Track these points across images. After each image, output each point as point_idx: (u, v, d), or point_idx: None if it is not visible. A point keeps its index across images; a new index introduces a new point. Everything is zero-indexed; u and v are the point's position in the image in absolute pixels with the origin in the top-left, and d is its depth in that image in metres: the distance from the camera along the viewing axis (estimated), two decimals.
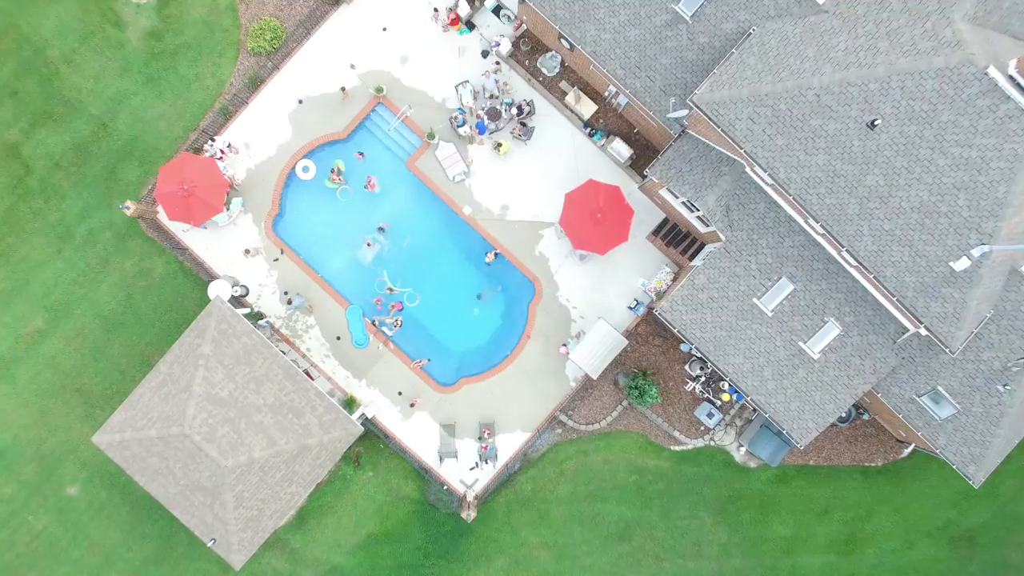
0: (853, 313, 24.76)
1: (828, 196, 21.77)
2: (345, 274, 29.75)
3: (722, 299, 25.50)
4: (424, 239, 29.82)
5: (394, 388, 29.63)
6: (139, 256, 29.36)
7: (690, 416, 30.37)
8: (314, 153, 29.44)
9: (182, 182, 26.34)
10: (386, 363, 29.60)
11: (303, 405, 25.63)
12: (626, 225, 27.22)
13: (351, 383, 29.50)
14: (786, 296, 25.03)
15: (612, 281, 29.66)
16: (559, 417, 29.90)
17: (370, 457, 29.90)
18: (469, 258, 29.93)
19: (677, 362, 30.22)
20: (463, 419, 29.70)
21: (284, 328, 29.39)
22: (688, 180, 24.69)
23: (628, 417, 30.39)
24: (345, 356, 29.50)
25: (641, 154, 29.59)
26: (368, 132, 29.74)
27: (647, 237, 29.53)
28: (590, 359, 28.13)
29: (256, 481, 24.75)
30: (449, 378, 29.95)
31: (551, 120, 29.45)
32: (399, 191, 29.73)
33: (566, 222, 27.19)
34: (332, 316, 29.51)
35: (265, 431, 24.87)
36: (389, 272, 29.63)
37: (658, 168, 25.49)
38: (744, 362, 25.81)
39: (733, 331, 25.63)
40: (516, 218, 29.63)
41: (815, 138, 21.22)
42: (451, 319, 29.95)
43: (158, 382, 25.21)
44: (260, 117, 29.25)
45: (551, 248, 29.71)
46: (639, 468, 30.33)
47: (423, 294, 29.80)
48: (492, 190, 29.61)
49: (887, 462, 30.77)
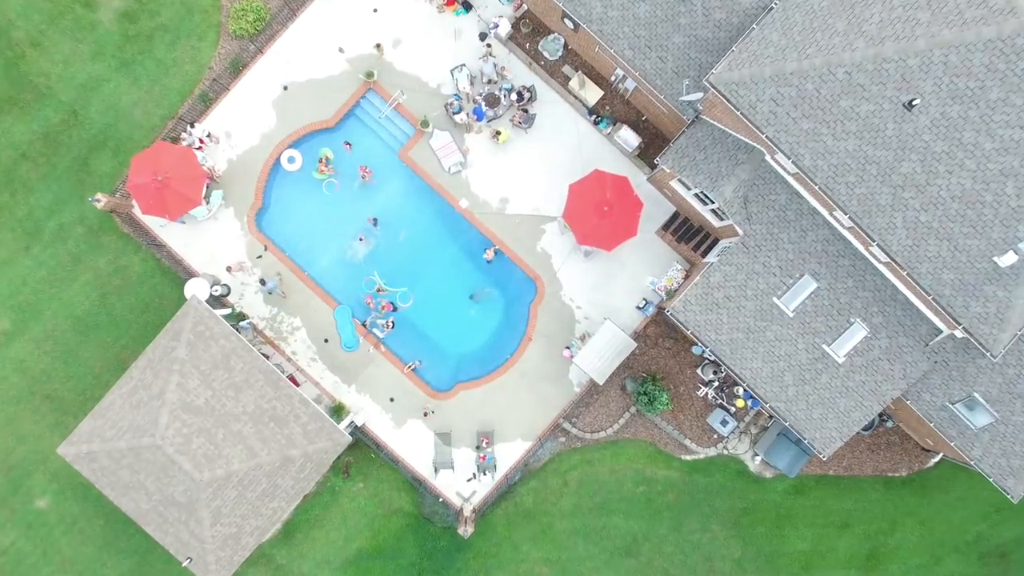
0: (882, 313, 22.85)
1: (858, 185, 19.85)
2: (334, 272, 27.85)
3: (739, 298, 23.59)
4: (418, 235, 27.90)
5: (386, 394, 27.73)
6: (113, 253, 27.48)
7: (702, 423, 28.51)
8: (300, 142, 27.54)
9: (156, 172, 24.42)
10: (377, 367, 27.71)
11: (286, 413, 23.74)
12: (635, 219, 25.29)
13: (340, 389, 27.60)
14: (809, 295, 23.14)
15: (619, 279, 27.74)
16: (562, 425, 28.01)
17: (360, 467, 28.06)
18: (466, 255, 28.02)
19: (688, 366, 28.34)
20: (459, 427, 27.79)
21: (268, 330, 27.49)
22: (703, 170, 22.78)
23: (636, 424, 28.54)
24: (333, 359, 27.60)
25: (650, 143, 27.72)
26: (358, 120, 27.85)
27: (656, 232, 27.64)
28: (596, 363, 26.21)
29: (235, 496, 22.85)
30: (444, 383, 28.04)
31: (553, 107, 27.53)
32: (391, 183, 27.82)
33: (570, 215, 25.26)
34: (320, 317, 27.61)
35: (244, 442, 22.98)
36: (381, 270, 27.73)
37: (670, 157, 23.58)
38: (763, 366, 23.90)
39: (751, 333, 23.72)
40: (516, 212, 27.71)
41: (845, 121, 19.30)
42: (447, 320, 28.03)
43: (129, 389, 23.33)
44: (242, 104, 27.34)
45: (554, 244, 27.78)
46: (647, 478, 28.55)
47: (417, 293, 27.90)
48: (490, 182, 27.68)
49: (912, 472, 28.91)
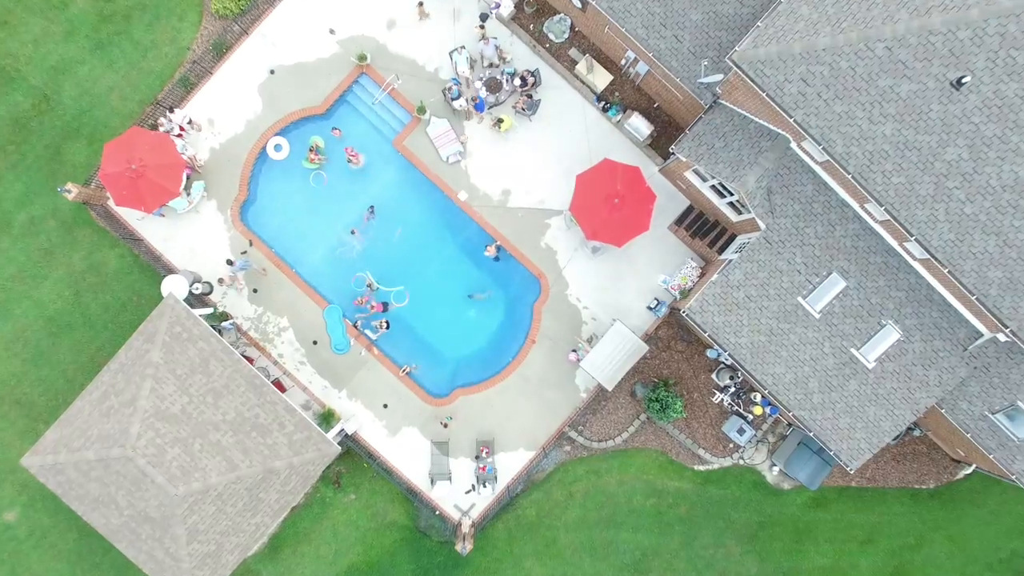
0: (916, 315, 21.02)
1: (896, 174, 18.02)
2: (324, 269, 26.02)
3: (761, 298, 21.77)
4: (414, 229, 26.06)
5: (379, 399, 25.90)
6: (88, 248, 25.66)
7: (717, 432, 26.67)
8: (288, 130, 25.71)
9: (130, 160, 22.58)
10: (370, 371, 25.87)
11: (270, 422, 21.91)
12: (647, 212, 23.46)
13: (329, 394, 25.76)
14: (837, 295, 21.31)
15: (629, 277, 25.91)
16: (568, 433, 26.18)
17: (352, 477, 26.22)
18: (465, 251, 26.19)
19: (703, 370, 26.50)
20: (458, 435, 25.95)
21: (253, 330, 25.66)
22: (722, 158, 20.95)
23: (646, 433, 26.71)
24: (323, 363, 25.77)
25: (662, 132, 25.89)
26: (350, 106, 26.01)
27: (669, 227, 25.82)
28: (604, 367, 24.38)
29: (213, 511, 21.02)
30: (442, 388, 26.21)
31: (559, 93, 25.69)
32: (385, 174, 25.99)
33: (577, 208, 23.43)
34: (309, 317, 25.77)
35: (224, 453, 21.15)
36: (375, 268, 25.89)
37: (686, 145, 21.76)
38: (786, 372, 22.08)
39: (773, 336, 21.90)
40: (519, 205, 25.89)
41: (883, 102, 17.46)
42: (444, 321, 26.18)
43: (99, 395, 21.50)
44: (226, 89, 25.50)
45: (559, 239, 25.95)
46: (658, 490, 26.71)
47: (413, 292, 26.07)
48: (492, 173, 25.85)
49: (940, 484, 27.07)
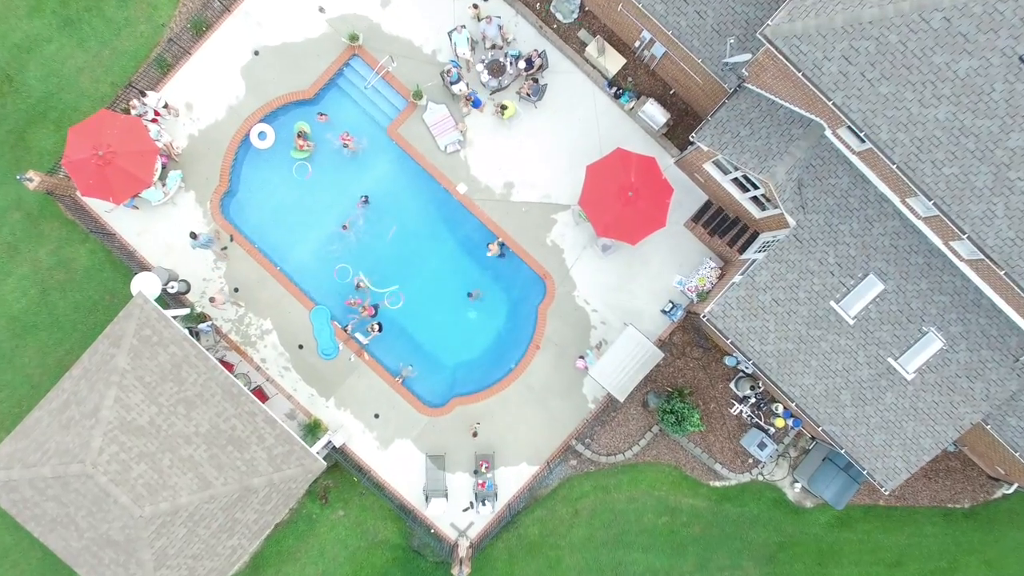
0: (962, 321, 19.05)
1: (948, 164, 16.05)
2: (312, 267, 24.02)
3: (790, 302, 19.78)
4: (409, 225, 24.06)
5: (369, 409, 23.90)
6: (56, 243, 23.66)
7: (735, 445, 24.69)
8: (273, 117, 23.72)
9: (96, 146, 20.58)
10: (360, 378, 23.88)
11: (247, 434, 19.91)
12: (663, 207, 21.49)
13: (316, 403, 23.76)
14: (873, 298, 19.34)
15: (642, 278, 23.92)
16: (574, 446, 24.18)
17: (341, 492, 24.24)
18: (465, 249, 24.19)
19: (720, 379, 24.52)
20: (455, 448, 23.95)
21: (233, 333, 23.66)
22: (749, 148, 18.97)
23: (659, 446, 24.73)
24: (309, 369, 23.77)
25: (679, 121, 23.91)
26: (340, 91, 24.01)
27: (685, 224, 23.83)
28: (615, 376, 22.40)
29: (184, 534, 19.02)
30: (438, 397, 24.20)
31: (567, 77, 23.70)
32: (378, 165, 23.99)
33: (587, 202, 21.44)
34: (294, 319, 23.77)
35: (196, 469, 19.14)
36: (366, 267, 23.90)
37: (708, 133, 19.78)
38: (815, 383, 20.10)
39: (803, 343, 19.92)
40: (523, 199, 23.90)
41: (938, 82, 15.49)
42: (442, 324, 24.17)
43: (59, 404, 19.49)
44: (206, 71, 23.50)
45: (566, 236, 23.96)
46: (671, 508, 24.75)
47: (407, 293, 24.07)
48: (494, 163, 23.87)
49: (976, 504, 25.10)
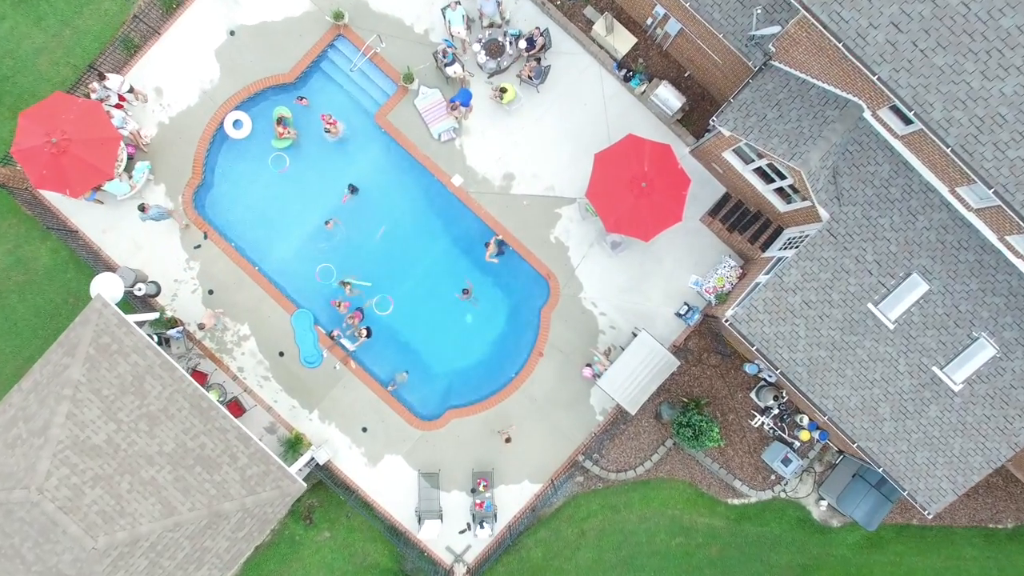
0: (1018, 326, 17.00)
1: (1015, 146, 14.00)
2: (293, 267, 21.99)
3: (822, 304, 17.73)
4: (400, 221, 22.00)
5: (357, 422, 21.84)
6: (14, 241, 21.67)
7: (756, 460, 22.65)
8: (250, 103, 21.68)
9: (50, 132, 18.53)
10: (346, 388, 21.82)
11: (218, 453, 17.85)
12: (680, 199, 19.43)
13: (298, 415, 21.71)
14: (917, 300, 17.30)
15: (655, 278, 21.86)
16: (581, 462, 22.13)
17: (326, 512, 22.23)
18: (460, 247, 22.13)
19: (740, 388, 22.48)
20: (451, 465, 21.89)
21: (207, 340, 21.61)
22: (777, 132, 16.91)
23: (672, 461, 22.69)
24: (291, 378, 21.71)
25: (694, 106, 21.86)
26: (324, 75, 21.98)
27: (701, 219, 21.79)
28: (626, 387, 20.32)
29: (145, 566, 16.95)
30: (432, 409, 22.15)
31: (572, 59, 21.65)
32: (365, 154, 21.94)
33: (596, 194, 19.38)
34: (274, 324, 21.73)
35: (159, 493, 17.08)
36: (352, 267, 21.87)
37: (731, 116, 17.72)
38: (851, 395, 18.04)
39: (837, 350, 17.87)
40: (524, 191, 21.84)
41: (1006, 49, 13.44)
42: (435, 330, 22.10)
43: (6, 420, 17.43)
44: (176, 53, 21.44)
45: (572, 233, 21.90)
46: (686, 528, 22.74)
47: (398, 296, 22.02)
48: (492, 153, 21.81)
49: (1020, 524, 23.05)
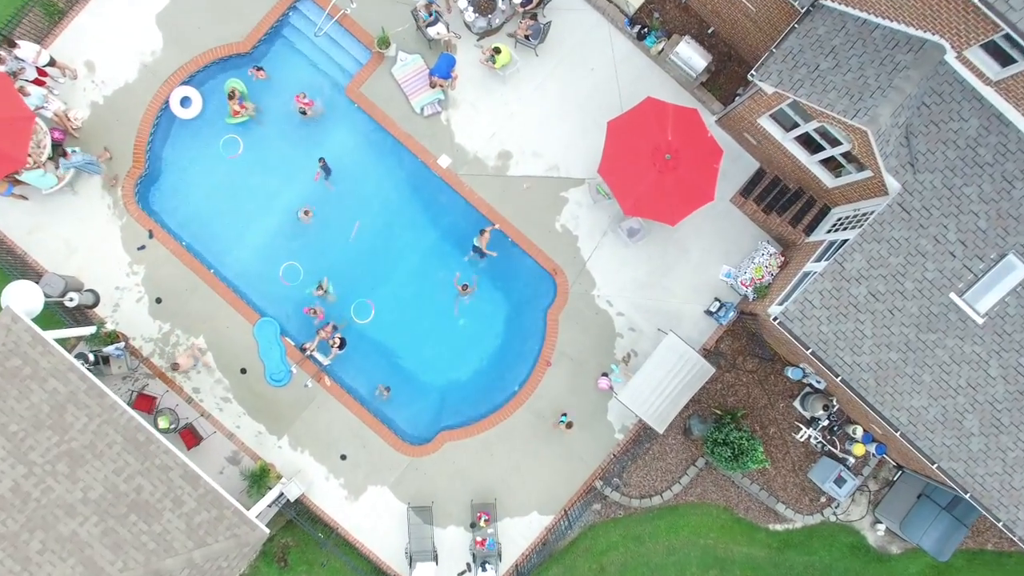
0: None
1: None
2: (256, 269, 18.77)
3: (893, 296, 14.46)
4: (378, 212, 18.77)
5: (334, 449, 18.59)
6: None
7: (801, 480, 19.42)
8: (201, 77, 18.46)
9: None
10: (321, 409, 18.57)
11: (159, 497, 14.60)
12: (711, 173, 16.17)
13: (265, 443, 18.46)
14: (1014, 288, 14.04)
15: (679, 270, 18.61)
16: (599, 488, 18.89)
17: (303, 553, 19.02)
18: (449, 239, 18.88)
19: (781, 396, 19.24)
20: (445, 497, 18.62)
21: (157, 357, 18.36)
22: (834, 85, 13.66)
23: (704, 483, 19.46)
24: (255, 399, 18.46)
25: (720, 68, 18.64)
26: (285, 42, 18.75)
27: (731, 200, 18.56)
28: (651, 400, 17.06)
29: None
30: (422, 431, 18.90)
31: (576, 16, 18.38)
32: (335, 133, 18.69)
33: (610, 171, 16.11)
34: (234, 336, 18.49)
35: (82, 551, 13.84)
36: (324, 268, 18.66)
37: (774, 68, 14.47)
38: (929, 405, 14.78)
39: (911, 351, 14.60)
40: (524, 172, 18.61)
41: None
42: (423, 337, 18.86)
43: None
44: (109, 19, 18.20)
45: (581, 219, 18.64)
46: (720, 559, 19.53)
47: (379, 301, 18.79)
48: (485, 128, 18.57)
49: None
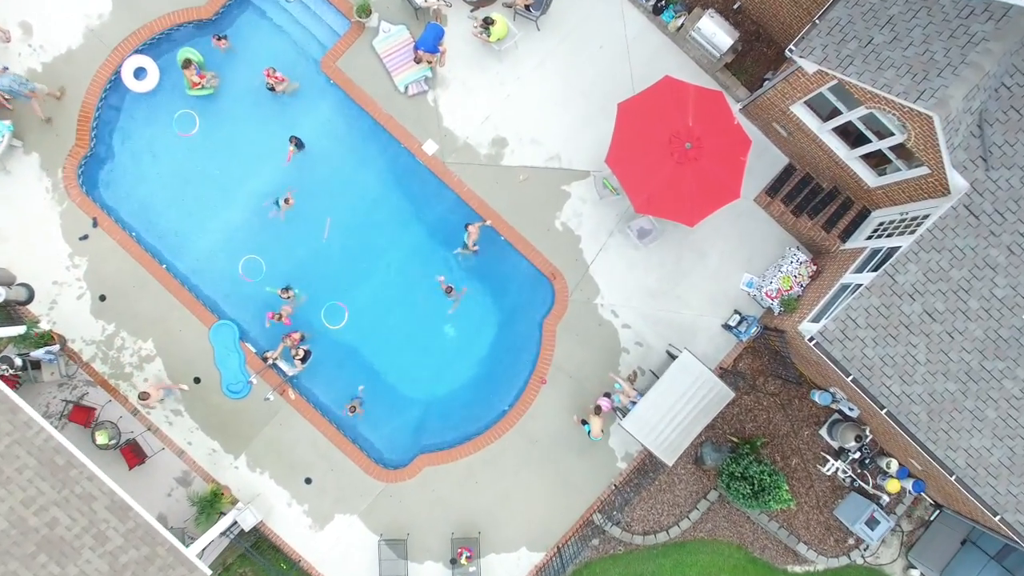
0: None
1: None
2: (214, 265, 16.53)
3: (953, 315, 12.20)
4: (354, 205, 16.52)
5: (298, 471, 16.36)
6: None
7: (826, 518, 17.18)
8: (157, 45, 16.20)
9: None
10: (284, 426, 16.32)
11: (77, 532, 12.38)
12: (737, 166, 13.87)
13: (219, 462, 16.22)
14: None
15: (695, 278, 16.35)
16: (597, 522, 16.65)
17: None
18: (435, 236, 16.62)
19: (806, 422, 17.00)
20: (423, 529, 16.38)
21: (99, 362, 16.11)
22: (893, 61, 11.39)
23: (716, 518, 17.23)
24: (210, 413, 16.21)
25: (747, 49, 16.38)
26: (252, 8, 16.48)
27: (756, 199, 16.31)
28: (660, 428, 14.78)
29: None
30: (399, 453, 16.65)
31: None
32: (308, 113, 16.43)
33: (620, 160, 13.81)
34: (188, 340, 16.25)
35: None
36: (290, 269, 16.43)
37: (818, 42, 12.21)
38: (993, 446, 12.53)
39: (973, 382, 12.35)
40: (521, 162, 16.34)
41: None
42: (403, 347, 16.60)
43: None
44: None
45: (585, 216, 16.38)
46: None
47: (353, 305, 16.55)
48: (478, 111, 16.29)
49: None
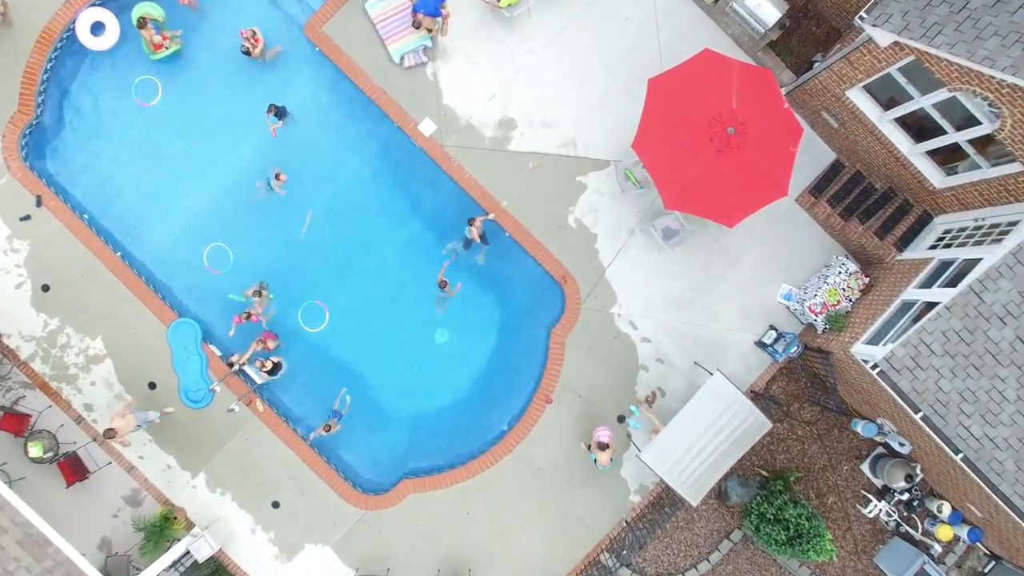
0: None
1: None
2: (177, 253, 14.57)
3: None
4: (339, 191, 14.54)
5: (265, 493, 14.32)
6: None
7: (865, 565, 15.15)
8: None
9: None
10: (250, 441, 14.30)
11: None
12: (786, 158, 11.79)
13: (175, 481, 14.18)
14: None
15: (726, 286, 14.30)
16: (605, 562, 14.61)
17: None
18: (431, 229, 14.63)
19: (845, 456, 14.95)
20: (406, 563, 14.36)
21: (39, 361, 14.09)
22: (994, 28, 9.35)
23: (739, 560, 15.21)
24: (166, 424, 14.17)
25: (793, 27, 14.37)
26: None
27: (798, 199, 14.27)
28: (684, 462, 12.67)
29: None
30: (381, 476, 14.63)
31: None
32: (290, 84, 14.46)
33: (650, 146, 11.74)
34: (142, 340, 14.25)
35: None
36: (267, 263, 14.45)
37: (896, 6, 10.16)
38: None
39: None
40: (530, 148, 14.31)
41: None
42: (389, 356, 14.62)
43: None
44: None
45: (603, 212, 14.33)
46: None
47: (334, 305, 14.55)
48: (483, 87, 14.28)
49: None
